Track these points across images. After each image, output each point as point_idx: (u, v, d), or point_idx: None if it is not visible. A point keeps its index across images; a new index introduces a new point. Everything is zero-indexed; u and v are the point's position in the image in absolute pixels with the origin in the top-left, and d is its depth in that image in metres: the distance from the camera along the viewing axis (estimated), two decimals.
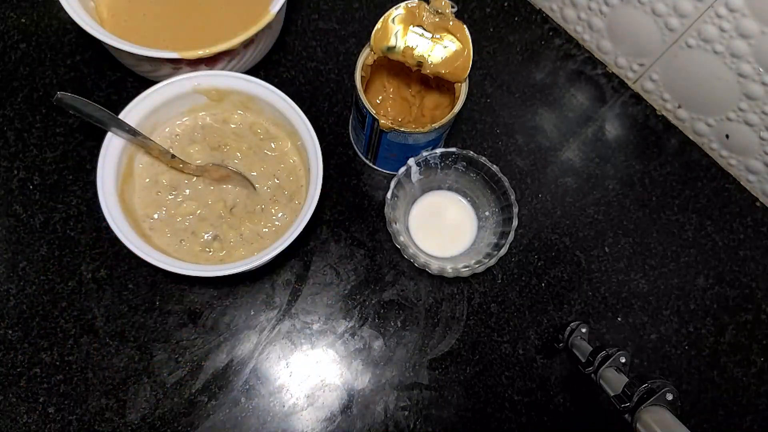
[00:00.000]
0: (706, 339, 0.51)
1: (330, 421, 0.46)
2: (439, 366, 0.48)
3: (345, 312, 0.48)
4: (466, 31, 0.44)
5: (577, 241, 0.53)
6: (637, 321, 0.51)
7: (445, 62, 0.45)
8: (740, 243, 0.54)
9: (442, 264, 0.46)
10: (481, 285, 0.50)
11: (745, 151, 0.53)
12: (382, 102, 0.52)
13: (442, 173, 0.50)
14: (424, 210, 0.51)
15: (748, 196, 0.56)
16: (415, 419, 0.46)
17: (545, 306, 0.50)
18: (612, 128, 0.57)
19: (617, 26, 0.55)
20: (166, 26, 0.50)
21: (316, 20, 0.57)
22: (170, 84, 0.44)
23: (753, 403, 0.50)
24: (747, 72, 0.48)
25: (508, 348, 0.49)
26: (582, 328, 0.47)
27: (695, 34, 0.49)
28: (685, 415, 0.38)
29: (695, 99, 0.54)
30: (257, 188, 0.46)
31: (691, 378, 0.50)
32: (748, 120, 0.51)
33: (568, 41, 0.60)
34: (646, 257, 0.53)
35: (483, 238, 0.49)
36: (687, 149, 0.57)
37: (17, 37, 0.53)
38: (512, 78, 0.58)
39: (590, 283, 0.52)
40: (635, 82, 0.58)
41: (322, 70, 0.55)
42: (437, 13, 0.43)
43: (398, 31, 0.44)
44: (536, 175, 0.55)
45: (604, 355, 0.43)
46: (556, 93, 0.58)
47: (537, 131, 0.56)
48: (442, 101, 0.51)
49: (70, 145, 0.50)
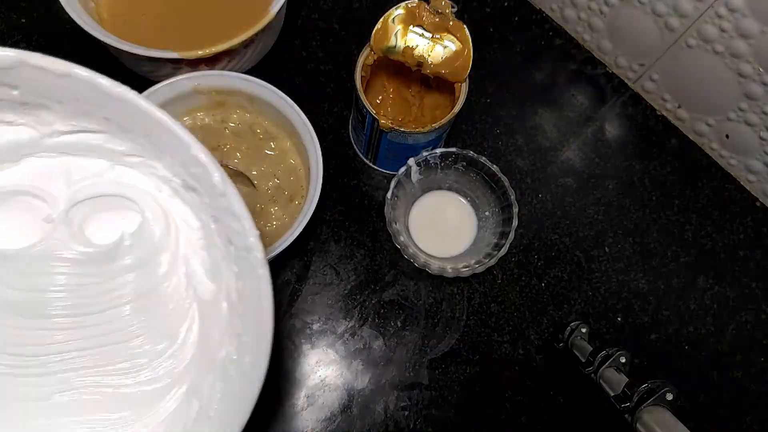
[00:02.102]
0: (706, 339, 0.51)
1: (330, 421, 0.45)
2: (439, 366, 0.48)
3: (345, 312, 0.48)
4: (466, 30, 0.44)
5: (577, 241, 0.53)
6: (637, 321, 0.51)
7: (445, 62, 0.45)
8: (740, 243, 0.54)
9: (442, 264, 0.46)
10: (481, 285, 0.50)
11: (746, 151, 0.53)
12: (382, 102, 0.52)
13: (442, 173, 0.50)
14: (424, 210, 0.51)
15: (749, 196, 0.56)
16: (415, 419, 0.46)
17: (545, 306, 0.50)
18: (612, 128, 0.57)
19: (617, 26, 0.55)
20: (166, 26, 0.50)
21: (316, 20, 0.57)
22: (170, 84, 0.44)
23: (753, 403, 0.50)
24: (747, 72, 0.48)
25: (508, 348, 0.49)
26: (582, 328, 0.47)
27: (695, 34, 0.49)
28: (685, 415, 0.38)
29: (695, 99, 0.54)
30: (257, 188, 0.46)
31: (691, 378, 0.50)
32: (748, 120, 0.51)
33: (568, 41, 0.60)
34: (646, 257, 0.53)
35: (483, 238, 0.49)
36: (687, 149, 0.57)
37: (17, 37, 0.53)
38: (512, 78, 0.58)
39: (590, 283, 0.52)
40: (635, 82, 0.58)
41: (322, 70, 0.55)
42: (437, 13, 0.43)
43: (398, 31, 0.44)
44: (536, 175, 0.55)
45: (604, 355, 0.43)
46: (556, 93, 0.58)
47: (537, 131, 0.56)
48: (442, 101, 0.51)
49: None
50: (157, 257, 0.32)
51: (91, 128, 0.30)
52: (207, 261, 0.32)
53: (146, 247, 0.32)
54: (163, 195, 0.32)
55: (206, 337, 0.33)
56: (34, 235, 0.32)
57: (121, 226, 0.32)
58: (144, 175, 0.31)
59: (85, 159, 0.31)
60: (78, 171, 0.31)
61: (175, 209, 0.32)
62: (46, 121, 0.29)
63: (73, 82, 0.27)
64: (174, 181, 0.31)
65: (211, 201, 0.29)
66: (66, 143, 0.30)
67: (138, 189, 0.32)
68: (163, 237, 0.32)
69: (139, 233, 0.32)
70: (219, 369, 0.31)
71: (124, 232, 0.32)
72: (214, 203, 0.29)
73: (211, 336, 0.32)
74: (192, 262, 0.32)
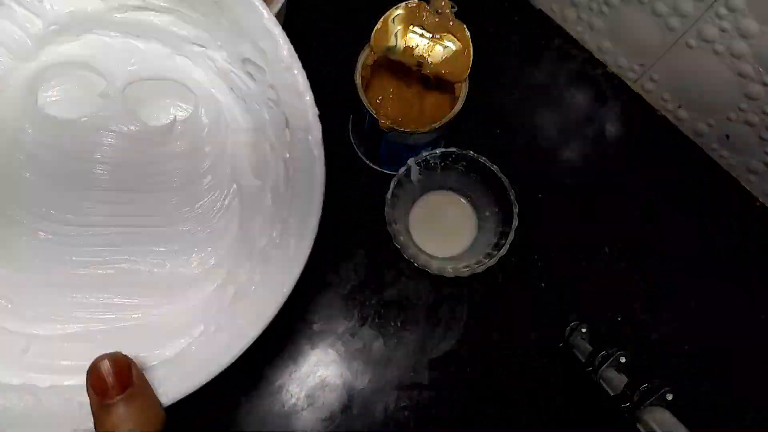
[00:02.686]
0: (706, 339, 0.51)
1: (330, 421, 0.45)
2: (439, 366, 0.48)
3: (345, 312, 0.48)
4: (467, 30, 0.44)
5: (577, 241, 0.53)
6: (637, 321, 0.51)
7: (446, 62, 0.45)
8: (741, 243, 0.54)
9: (442, 264, 0.46)
10: (481, 285, 0.50)
11: (746, 151, 0.53)
12: (382, 102, 0.52)
13: (443, 173, 0.50)
14: (424, 210, 0.51)
15: (749, 197, 0.56)
16: (415, 419, 0.46)
17: (545, 306, 0.50)
18: (612, 128, 0.57)
19: (618, 26, 0.55)
20: None
21: (316, 20, 0.57)
22: None
23: (753, 403, 0.50)
24: (747, 72, 0.48)
25: (508, 348, 0.49)
26: (582, 328, 0.47)
27: (695, 34, 0.49)
28: (685, 416, 0.38)
29: (695, 99, 0.54)
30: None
31: (692, 378, 0.50)
32: (748, 120, 0.51)
33: (568, 41, 0.60)
34: (646, 257, 0.53)
35: (483, 238, 0.49)
36: (687, 149, 0.57)
37: None
38: (512, 78, 0.58)
39: (590, 282, 0.52)
40: (635, 83, 0.58)
41: (322, 70, 0.55)
42: (437, 12, 0.43)
43: (398, 31, 0.44)
44: (536, 175, 0.55)
45: (604, 355, 0.43)
46: (556, 93, 0.58)
47: (537, 131, 0.56)
48: (443, 101, 0.51)
49: None
50: (203, 149, 0.33)
51: (159, 5, 0.30)
52: (253, 159, 0.33)
53: (195, 138, 0.33)
54: (219, 89, 0.33)
55: (246, 229, 0.33)
56: (89, 107, 0.32)
57: (173, 112, 0.33)
58: (202, 68, 0.32)
59: (147, 43, 0.32)
60: (138, 53, 0.32)
61: (228, 105, 0.33)
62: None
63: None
64: (233, 73, 0.31)
65: (274, 79, 0.29)
66: (130, 21, 0.31)
67: (194, 79, 0.33)
68: (212, 131, 0.33)
69: (191, 121, 0.33)
70: (258, 255, 0.32)
71: (177, 118, 0.33)
72: (277, 80, 0.29)
73: (251, 228, 0.33)
74: (238, 160, 0.33)
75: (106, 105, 0.33)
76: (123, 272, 0.34)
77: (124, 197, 0.34)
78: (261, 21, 0.28)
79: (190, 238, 0.34)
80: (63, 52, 0.32)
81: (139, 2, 0.30)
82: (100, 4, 0.30)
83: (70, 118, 0.33)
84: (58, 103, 0.33)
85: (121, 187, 0.34)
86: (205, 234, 0.34)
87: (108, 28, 0.31)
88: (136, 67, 0.32)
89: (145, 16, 0.31)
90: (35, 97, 0.32)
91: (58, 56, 0.32)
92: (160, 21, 0.31)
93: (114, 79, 0.32)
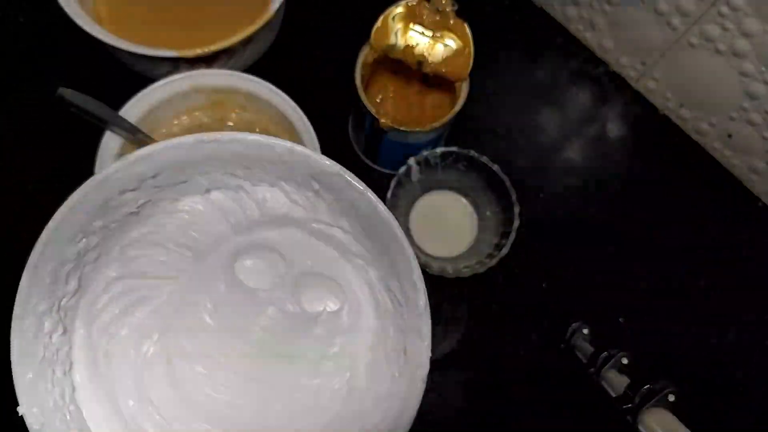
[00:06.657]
0: (708, 340, 0.51)
1: None
2: (439, 366, 0.47)
3: None
4: (467, 29, 0.43)
5: (578, 241, 0.52)
6: (638, 322, 0.51)
7: (446, 61, 0.44)
8: (742, 243, 0.54)
9: (443, 264, 0.46)
10: (482, 285, 0.50)
11: (748, 150, 0.53)
12: (382, 101, 0.52)
13: (443, 173, 0.49)
14: (425, 210, 0.51)
15: (751, 196, 0.56)
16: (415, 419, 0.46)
17: (546, 307, 0.50)
18: (613, 127, 0.57)
19: (619, 25, 0.55)
20: (164, 25, 0.49)
21: (315, 18, 0.57)
22: (168, 83, 0.44)
23: (755, 404, 0.50)
24: (749, 71, 0.48)
25: (509, 349, 0.49)
26: (583, 329, 0.47)
27: (697, 33, 0.49)
28: (687, 417, 0.37)
29: (697, 98, 0.54)
30: None
31: (693, 379, 0.50)
32: (750, 119, 0.51)
33: (569, 40, 0.60)
34: (647, 257, 0.53)
35: (484, 238, 0.49)
36: (689, 149, 0.57)
37: (16, 36, 0.53)
38: (513, 77, 0.58)
39: (591, 283, 0.51)
40: (637, 82, 0.58)
41: (322, 68, 0.55)
42: (438, 11, 0.43)
43: (398, 30, 0.44)
44: (537, 174, 0.54)
45: (606, 356, 0.43)
46: (558, 92, 0.58)
47: (538, 130, 0.56)
48: (443, 100, 0.51)
49: (68, 146, 0.50)
50: (334, 339, 0.40)
51: (345, 228, 0.38)
52: (368, 358, 0.39)
53: (333, 328, 0.40)
54: (364, 296, 0.40)
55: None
56: (269, 282, 0.40)
57: (324, 303, 0.40)
58: (359, 276, 0.40)
59: (326, 246, 0.40)
60: (316, 252, 0.40)
61: (366, 311, 0.40)
62: (318, 210, 0.38)
63: (361, 198, 0.35)
64: (378, 288, 0.38)
65: (407, 317, 0.35)
66: (321, 231, 0.39)
67: (350, 282, 0.40)
68: (348, 327, 0.40)
69: (335, 315, 0.40)
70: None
71: (326, 309, 0.40)
72: (408, 319, 0.35)
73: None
74: (356, 358, 0.39)
75: (282, 284, 0.40)
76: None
77: (265, 358, 0.40)
78: (411, 276, 0.34)
79: (314, 405, 0.39)
80: (265, 236, 0.40)
81: (330, 221, 0.38)
82: (304, 214, 0.38)
83: (253, 287, 0.40)
84: (248, 272, 0.40)
85: (264, 350, 0.40)
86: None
87: (303, 229, 0.39)
88: (311, 263, 0.40)
89: (333, 231, 0.38)
90: (234, 264, 0.40)
91: (261, 239, 0.40)
92: (342, 237, 0.38)
93: (293, 267, 0.40)
